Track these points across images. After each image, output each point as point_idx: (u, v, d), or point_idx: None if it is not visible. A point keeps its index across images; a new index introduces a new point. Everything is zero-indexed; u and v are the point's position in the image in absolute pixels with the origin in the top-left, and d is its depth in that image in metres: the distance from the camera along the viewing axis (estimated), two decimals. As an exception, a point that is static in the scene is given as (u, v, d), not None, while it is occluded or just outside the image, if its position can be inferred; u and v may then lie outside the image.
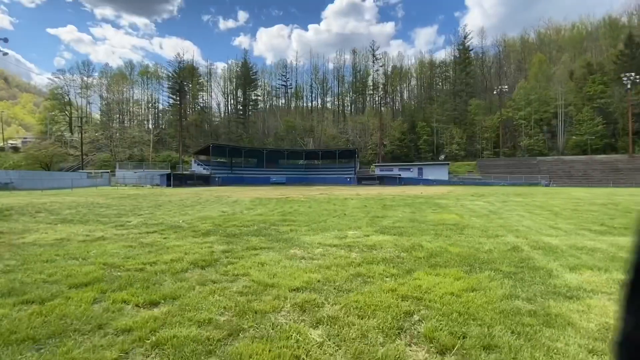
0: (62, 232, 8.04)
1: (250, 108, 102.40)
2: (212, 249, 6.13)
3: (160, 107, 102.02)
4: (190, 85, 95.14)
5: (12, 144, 77.27)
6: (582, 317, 3.18)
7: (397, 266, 4.96)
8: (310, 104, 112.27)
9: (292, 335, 2.79)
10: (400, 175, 59.63)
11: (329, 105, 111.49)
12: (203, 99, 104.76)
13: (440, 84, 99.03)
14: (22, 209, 13.80)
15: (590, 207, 14.96)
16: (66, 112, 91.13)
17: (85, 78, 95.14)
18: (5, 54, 36.14)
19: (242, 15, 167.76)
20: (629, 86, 58.04)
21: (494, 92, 74.21)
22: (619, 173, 55.12)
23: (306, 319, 3.15)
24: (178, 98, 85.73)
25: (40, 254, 5.72)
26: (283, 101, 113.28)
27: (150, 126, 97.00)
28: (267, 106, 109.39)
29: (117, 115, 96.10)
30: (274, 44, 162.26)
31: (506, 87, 74.48)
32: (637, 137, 62.32)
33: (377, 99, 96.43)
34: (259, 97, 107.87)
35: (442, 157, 73.55)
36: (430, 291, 3.82)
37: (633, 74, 57.79)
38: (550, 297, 3.72)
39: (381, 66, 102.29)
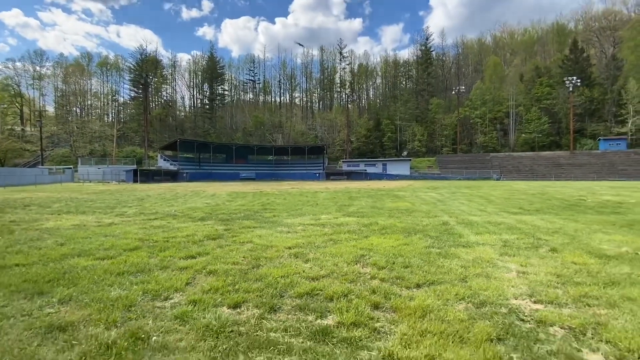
0: (73, 220, 9.23)
1: (217, 102, 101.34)
2: (215, 228, 7.74)
3: (121, 100, 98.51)
4: (156, 79, 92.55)
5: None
6: (467, 254, 5.24)
7: (357, 234, 6.89)
8: (278, 99, 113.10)
9: (292, 265, 4.59)
10: (366, 170, 62.58)
11: (297, 101, 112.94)
12: (167, 92, 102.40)
13: (403, 82, 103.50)
14: (6, 203, 14.37)
15: (521, 196, 17.87)
16: (16, 104, 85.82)
17: (37, 68, 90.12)
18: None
19: (207, 5, 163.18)
20: (571, 89, 64.41)
21: (453, 92, 79.18)
22: (561, 168, 61.26)
23: (299, 260, 4.96)
24: (141, 91, 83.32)
25: (74, 234, 7.06)
26: (251, 96, 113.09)
27: (110, 120, 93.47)
28: (235, 101, 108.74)
29: (75, 109, 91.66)
30: (240, 35, 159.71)
31: (463, 87, 79.88)
32: (578, 135, 69.43)
33: (344, 96, 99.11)
34: (226, 92, 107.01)
35: (405, 153, 77.63)
36: (378, 245, 5.76)
37: (574, 77, 64.24)
38: (453, 246, 5.78)
39: (348, 64, 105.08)
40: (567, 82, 64.07)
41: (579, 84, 64.69)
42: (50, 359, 2.35)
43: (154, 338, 2.62)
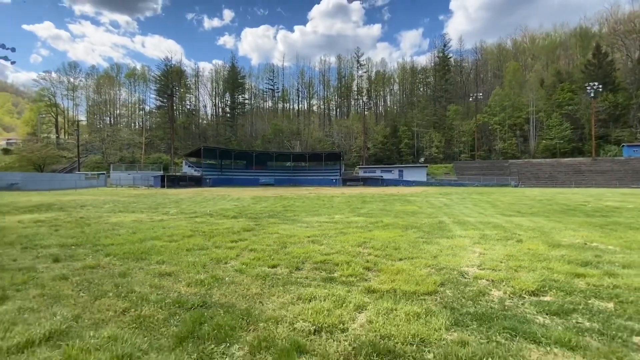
0: (130, 217, 11.16)
1: (238, 111, 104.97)
2: (247, 223, 9.45)
3: (147, 108, 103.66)
4: (181, 89, 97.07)
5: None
6: (446, 243, 6.69)
7: (363, 229, 8.44)
8: (297, 107, 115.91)
9: (310, 247, 6.20)
10: (382, 176, 63.70)
11: (315, 108, 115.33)
12: (190, 101, 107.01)
13: (421, 89, 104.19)
14: (63, 204, 16.64)
15: (526, 201, 18.83)
16: (52, 114, 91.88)
17: (72, 79, 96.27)
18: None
19: (228, 14, 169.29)
20: (592, 95, 63.59)
21: (471, 99, 79.37)
22: (581, 175, 60.29)
23: (315, 244, 6.56)
24: (166, 101, 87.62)
25: (139, 226, 8.90)
26: (270, 104, 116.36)
27: (137, 128, 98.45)
28: (254, 109, 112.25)
29: (106, 118, 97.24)
30: (259, 44, 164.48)
31: (481, 94, 80.00)
32: (602, 141, 68.16)
33: (361, 103, 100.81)
34: (247, 100, 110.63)
35: (422, 159, 78.20)
36: (379, 236, 7.30)
37: (596, 83, 63.37)
38: (439, 238, 7.23)
39: (365, 72, 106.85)
40: (589, 88, 63.33)
41: (600, 89, 63.78)
42: (169, 286, 4.02)
43: (227, 278, 4.27)
